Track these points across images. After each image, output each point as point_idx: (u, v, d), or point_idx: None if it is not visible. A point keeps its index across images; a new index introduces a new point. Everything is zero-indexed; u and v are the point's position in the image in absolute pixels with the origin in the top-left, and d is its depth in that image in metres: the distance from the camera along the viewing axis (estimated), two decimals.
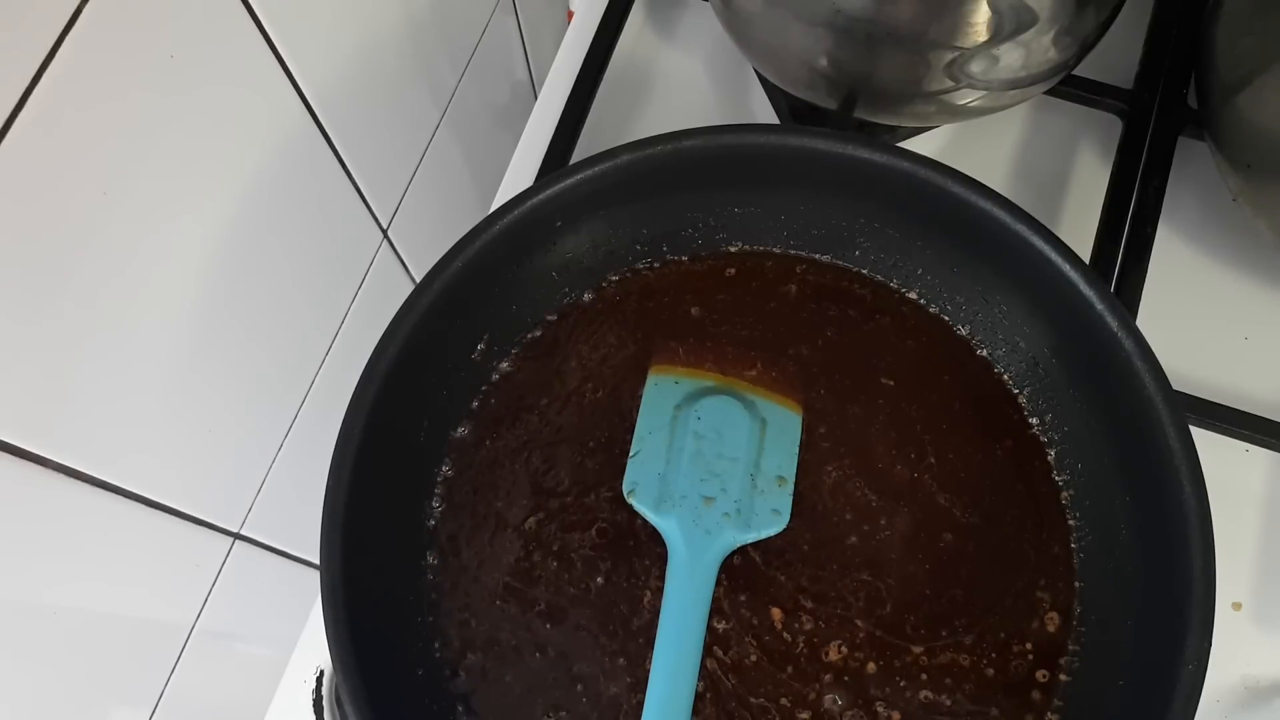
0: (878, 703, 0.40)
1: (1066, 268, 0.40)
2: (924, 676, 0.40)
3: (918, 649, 0.40)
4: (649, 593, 0.41)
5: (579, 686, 0.40)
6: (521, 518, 0.43)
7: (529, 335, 0.46)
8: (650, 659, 0.39)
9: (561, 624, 0.41)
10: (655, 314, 0.46)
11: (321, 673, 0.46)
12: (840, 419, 0.44)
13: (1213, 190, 0.53)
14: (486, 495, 0.43)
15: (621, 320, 0.46)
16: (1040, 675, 0.40)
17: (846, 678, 0.40)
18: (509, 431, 0.44)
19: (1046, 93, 0.49)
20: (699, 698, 0.39)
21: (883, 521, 0.42)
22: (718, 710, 0.40)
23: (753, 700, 0.40)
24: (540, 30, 0.76)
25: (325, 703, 0.45)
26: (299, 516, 0.57)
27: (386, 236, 0.61)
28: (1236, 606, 0.46)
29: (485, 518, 0.43)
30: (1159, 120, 0.52)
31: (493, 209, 0.42)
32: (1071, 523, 0.42)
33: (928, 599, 0.41)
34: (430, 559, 0.42)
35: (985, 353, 0.45)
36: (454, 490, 0.43)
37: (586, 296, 0.46)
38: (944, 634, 0.41)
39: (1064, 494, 0.43)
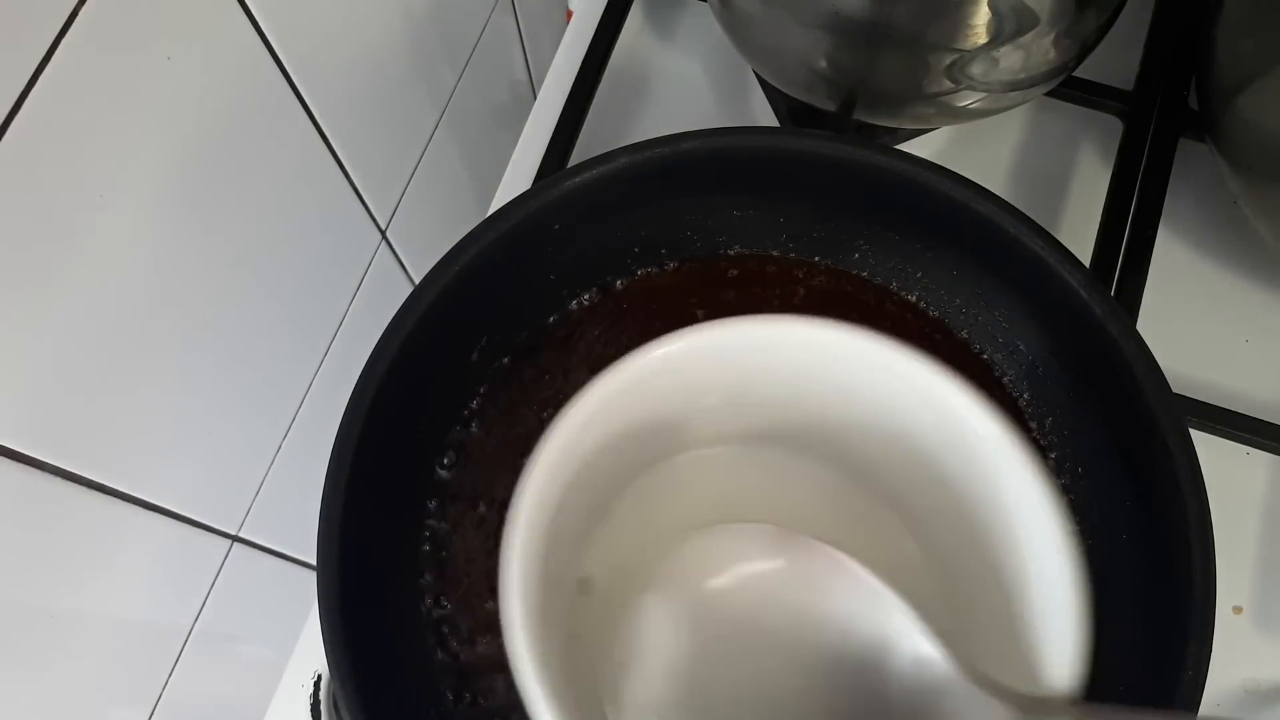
0: None
1: (1066, 271, 0.40)
2: None
3: None
4: None
5: None
6: None
7: (527, 338, 0.45)
8: None
9: None
10: (654, 317, 0.46)
11: (319, 677, 0.46)
12: None
13: (1214, 193, 0.53)
14: (485, 498, 0.43)
15: (620, 323, 0.46)
16: None
17: None
18: (508, 433, 0.44)
19: (1046, 95, 0.49)
20: None
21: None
22: None
23: None
24: (539, 30, 0.76)
25: (323, 707, 0.45)
26: (298, 518, 0.57)
27: (385, 237, 0.61)
28: (1237, 610, 0.46)
29: (485, 520, 0.43)
30: (1159, 122, 0.51)
31: (491, 210, 0.42)
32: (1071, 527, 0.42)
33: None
34: (429, 562, 0.42)
35: (985, 356, 0.45)
36: (453, 493, 0.43)
37: (584, 299, 0.46)
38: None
39: (1064, 499, 0.43)
